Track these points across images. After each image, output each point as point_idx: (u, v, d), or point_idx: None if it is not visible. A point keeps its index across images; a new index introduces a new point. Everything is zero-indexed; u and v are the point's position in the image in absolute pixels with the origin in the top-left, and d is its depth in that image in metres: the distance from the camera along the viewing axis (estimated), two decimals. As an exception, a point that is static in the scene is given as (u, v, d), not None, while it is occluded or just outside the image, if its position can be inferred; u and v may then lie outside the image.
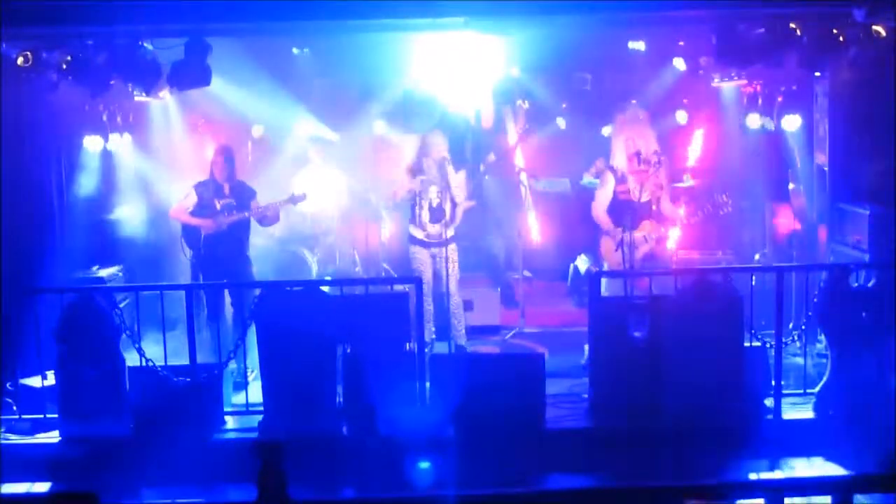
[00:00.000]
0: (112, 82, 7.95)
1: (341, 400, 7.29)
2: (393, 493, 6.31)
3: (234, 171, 8.73)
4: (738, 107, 10.38)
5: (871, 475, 4.40)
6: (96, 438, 7.15)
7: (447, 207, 8.74)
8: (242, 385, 7.85)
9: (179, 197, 8.72)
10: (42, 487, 6.80)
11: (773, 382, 7.36)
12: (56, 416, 7.37)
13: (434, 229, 8.76)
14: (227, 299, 8.57)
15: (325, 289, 7.81)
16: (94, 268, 9.34)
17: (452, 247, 8.87)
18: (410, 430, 6.95)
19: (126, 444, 7.12)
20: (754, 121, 9.97)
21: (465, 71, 9.64)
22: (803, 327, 7.55)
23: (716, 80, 10.08)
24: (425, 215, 8.78)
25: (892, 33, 7.62)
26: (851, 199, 8.72)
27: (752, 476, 6.61)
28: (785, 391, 7.48)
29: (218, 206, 8.56)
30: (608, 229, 8.41)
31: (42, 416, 7.47)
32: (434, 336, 8.83)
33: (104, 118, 9.48)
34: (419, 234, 8.85)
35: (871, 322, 7.28)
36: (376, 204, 10.18)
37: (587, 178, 10.82)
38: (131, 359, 7.38)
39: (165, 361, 7.40)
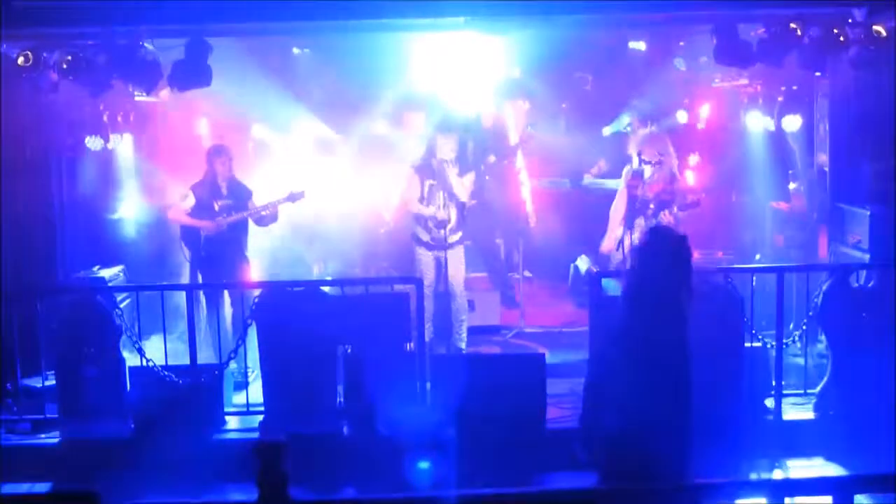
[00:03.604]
0: (112, 82, 7.95)
1: (342, 400, 7.29)
2: (393, 493, 6.31)
3: (232, 171, 8.74)
4: (738, 107, 10.38)
5: (871, 475, 4.39)
6: (96, 438, 7.15)
7: (452, 212, 8.71)
8: (243, 385, 7.86)
9: (176, 199, 8.71)
10: (42, 487, 6.79)
11: (773, 382, 7.36)
12: (56, 416, 7.38)
13: (438, 234, 8.71)
14: (227, 299, 8.57)
15: (325, 289, 7.81)
16: (96, 268, 9.34)
17: (459, 249, 8.84)
18: (410, 430, 6.94)
19: (126, 444, 7.12)
20: (755, 121, 9.97)
21: (465, 71, 9.64)
22: (804, 327, 7.55)
23: (716, 80, 10.08)
24: (430, 219, 8.71)
25: (892, 33, 7.62)
26: (851, 199, 8.72)
27: (752, 476, 6.61)
28: (785, 391, 7.47)
29: (216, 207, 8.55)
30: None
31: (42, 416, 7.48)
32: (432, 335, 8.80)
33: (104, 118, 9.48)
34: (425, 237, 8.79)
35: (871, 322, 7.28)
36: (382, 205, 10.21)
37: (588, 179, 10.82)
38: (131, 359, 7.38)
39: (166, 361, 7.40)
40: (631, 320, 4.74)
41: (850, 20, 7.69)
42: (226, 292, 8.51)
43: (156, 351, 7.55)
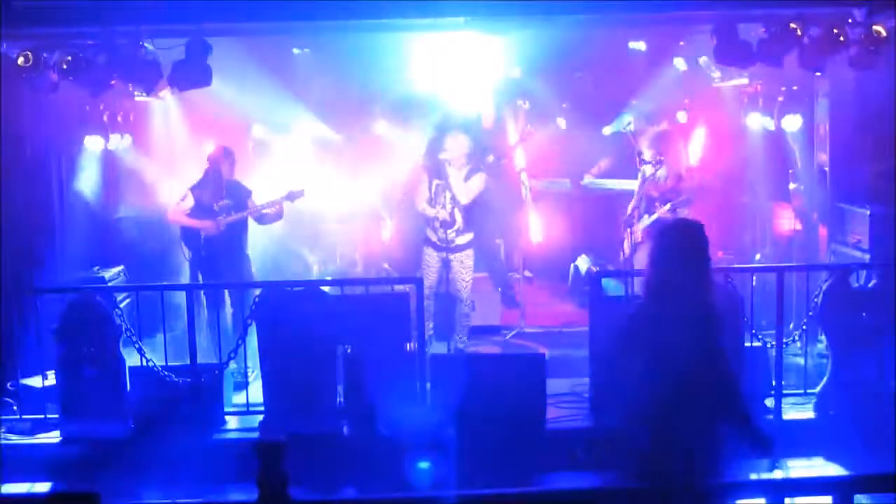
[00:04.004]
0: (112, 82, 7.95)
1: (341, 400, 7.29)
2: (393, 493, 6.31)
3: (233, 172, 8.74)
4: (738, 107, 10.38)
5: (871, 475, 4.39)
6: (96, 438, 7.15)
7: (458, 214, 8.67)
8: (243, 385, 7.86)
9: (176, 199, 8.71)
10: (42, 487, 6.79)
11: (773, 382, 7.36)
12: (56, 416, 7.38)
13: (444, 234, 8.64)
14: (227, 299, 8.56)
15: (326, 289, 7.81)
16: (95, 268, 9.34)
17: (468, 253, 8.78)
18: (410, 430, 6.95)
19: (126, 444, 7.13)
20: (755, 121, 9.97)
21: (465, 71, 9.63)
22: (804, 327, 7.55)
23: (716, 80, 10.08)
24: (437, 220, 8.65)
25: (892, 33, 7.62)
26: (851, 199, 8.72)
27: (752, 476, 6.60)
28: (785, 391, 7.48)
29: (216, 208, 8.56)
30: None
31: (42, 416, 7.48)
32: (432, 332, 8.76)
33: (104, 118, 9.48)
34: (433, 237, 8.73)
35: (871, 322, 7.28)
36: (382, 205, 10.22)
37: (588, 179, 10.82)
38: (131, 359, 7.38)
39: (166, 361, 7.40)
40: (652, 317, 4.66)
41: (850, 20, 7.69)
42: (226, 292, 8.51)
43: (156, 351, 7.54)
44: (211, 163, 8.66)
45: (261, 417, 7.38)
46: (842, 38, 7.63)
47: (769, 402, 7.33)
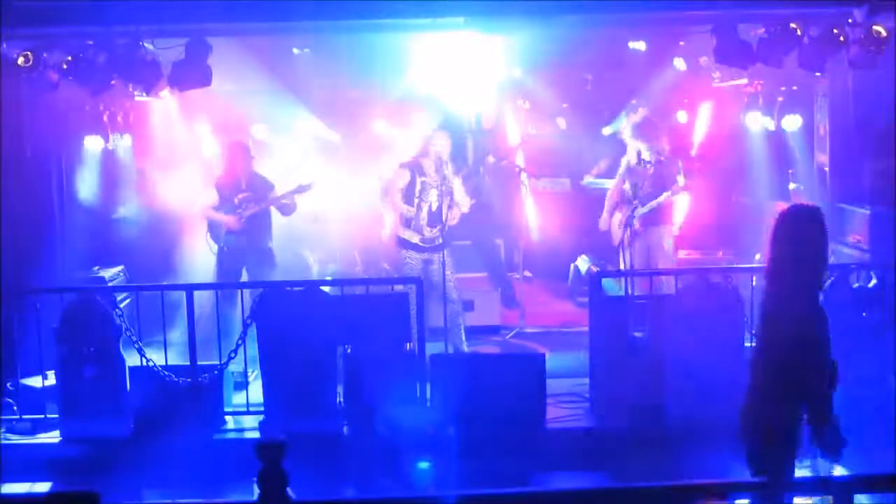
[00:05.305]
0: (112, 82, 7.95)
1: (341, 400, 7.29)
2: (393, 493, 6.30)
3: (251, 165, 8.84)
4: (738, 107, 10.38)
5: (871, 475, 4.39)
6: (96, 438, 7.16)
7: (445, 211, 8.64)
8: (243, 385, 7.85)
9: (204, 197, 8.83)
10: (42, 487, 6.79)
11: (773, 382, 7.34)
12: (56, 416, 7.38)
13: (430, 233, 8.59)
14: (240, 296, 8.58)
15: (326, 289, 7.81)
16: (95, 268, 9.34)
17: (446, 252, 8.75)
18: (410, 430, 6.95)
19: (126, 444, 7.13)
20: (755, 121, 9.97)
21: (465, 71, 9.63)
22: (804, 327, 7.53)
23: (716, 80, 10.08)
24: (423, 218, 8.57)
25: (893, 33, 7.62)
26: (851, 199, 8.72)
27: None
28: (785, 391, 7.47)
29: (236, 201, 8.64)
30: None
31: (42, 416, 7.48)
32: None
33: (104, 118, 9.48)
34: (414, 238, 8.61)
35: (871, 322, 7.27)
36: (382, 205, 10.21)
37: (588, 179, 10.82)
38: (131, 359, 7.38)
39: (166, 361, 7.40)
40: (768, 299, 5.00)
41: (850, 20, 7.69)
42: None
43: (170, 350, 7.55)
44: (226, 157, 8.81)
45: (261, 417, 7.38)
46: (842, 38, 7.63)
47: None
